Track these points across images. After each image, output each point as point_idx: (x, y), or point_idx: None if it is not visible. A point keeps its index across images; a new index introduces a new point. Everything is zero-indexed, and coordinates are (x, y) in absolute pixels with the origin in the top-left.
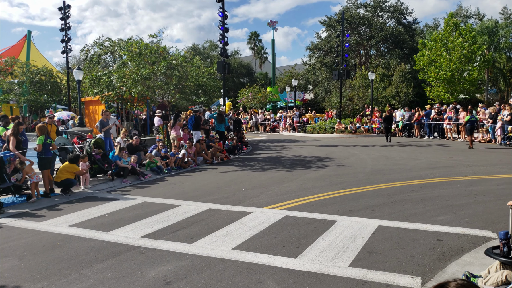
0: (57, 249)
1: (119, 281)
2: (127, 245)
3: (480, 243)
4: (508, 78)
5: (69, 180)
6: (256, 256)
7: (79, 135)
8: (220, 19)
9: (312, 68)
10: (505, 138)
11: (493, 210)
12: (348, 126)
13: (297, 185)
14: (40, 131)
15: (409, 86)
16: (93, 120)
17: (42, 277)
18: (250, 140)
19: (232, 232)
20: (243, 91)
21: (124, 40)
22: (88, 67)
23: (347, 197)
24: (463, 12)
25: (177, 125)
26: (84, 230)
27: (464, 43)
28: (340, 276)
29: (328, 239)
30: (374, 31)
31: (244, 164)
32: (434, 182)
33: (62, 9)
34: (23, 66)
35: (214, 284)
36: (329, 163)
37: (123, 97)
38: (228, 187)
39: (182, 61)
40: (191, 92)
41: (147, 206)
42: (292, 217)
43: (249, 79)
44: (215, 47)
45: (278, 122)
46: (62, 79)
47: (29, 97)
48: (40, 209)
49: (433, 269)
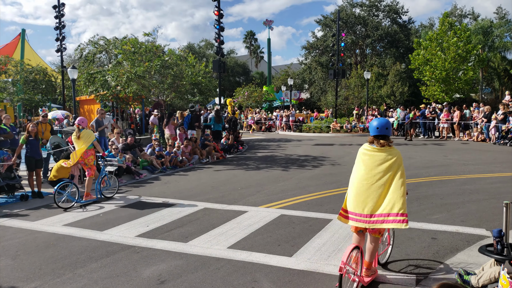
0: (51, 249)
1: (113, 280)
2: (121, 244)
3: (474, 241)
4: (503, 78)
5: (64, 180)
6: (251, 255)
7: None
8: (216, 17)
9: (308, 67)
10: (499, 137)
11: (487, 208)
12: (344, 125)
13: (292, 184)
14: (26, 131)
15: (405, 85)
16: (88, 119)
17: (36, 277)
18: (246, 139)
19: (227, 231)
20: (239, 90)
21: (119, 39)
22: (83, 66)
23: (342, 196)
24: (458, 11)
25: (170, 124)
26: (78, 230)
27: (459, 42)
28: (335, 275)
29: (323, 238)
30: (370, 31)
31: (240, 163)
32: (429, 181)
33: (57, 7)
34: (17, 64)
35: (209, 283)
36: (324, 162)
37: (118, 96)
38: (224, 186)
39: (177, 59)
40: (186, 91)
41: (142, 205)
42: (287, 216)
43: (245, 78)
44: (211, 46)
45: (274, 121)
46: (56, 78)
47: (23, 96)
48: (34, 209)
49: (428, 267)
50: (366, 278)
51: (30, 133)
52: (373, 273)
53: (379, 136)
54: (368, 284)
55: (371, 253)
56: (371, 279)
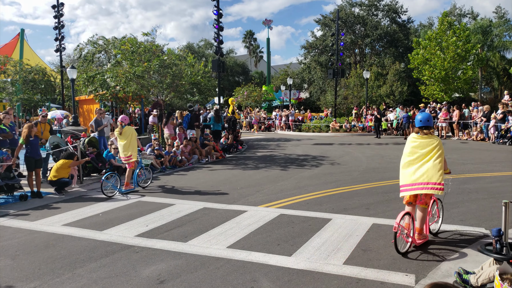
0: (50, 249)
1: (112, 280)
2: (121, 244)
3: (474, 240)
4: (502, 77)
5: (64, 180)
6: (250, 254)
7: (73, 134)
8: (215, 17)
9: (307, 67)
10: (498, 137)
11: (486, 207)
12: (343, 125)
13: (292, 183)
14: (23, 132)
15: (404, 85)
16: (87, 119)
17: (35, 276)
18: (245, 139)
19: (226, 230)
20: (238, 90)
21: (118, 39)
22: (82, 66)
23: (341, 195)
24: (457, 11)
25: (169, 123)
26: (78, 230)
27: (458, 42)
28: (334, 274)
29: (322, 237)
30: (369, 30)
31: (239, 162)
32: None
33: (56, 7)
34: (16, 64)
35: (208, 282)
36: (324, 162)
37: (117, 96)
38: (223, 186)
39: (176, 59)
40: (185, 90)
41: (141, 205)
42: (286, 215)
43: (244, 77)
44: (210, 46)
45: (273, 121)
46: (56, 78)
47: (22, 96)
48: (33, 209)
49: (427, 267)
50: (418, 240)
51: (30, 133)
52: (424, 238)
53: (423, 127)
54: (420, 245)
55: (420, 221)
56: (422, 241)
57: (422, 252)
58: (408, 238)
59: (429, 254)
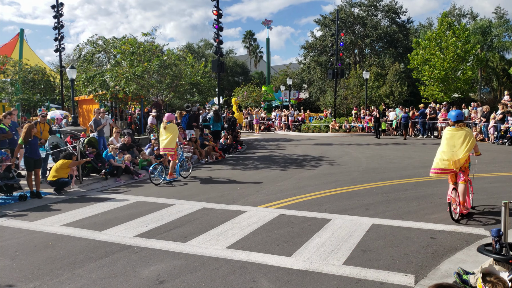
0: (50, 249)
1: (112, 280)
2: (120, 244)
3: (473, 241)
4: (501, 77)
5: (64, 180)
6: (250, 254)
7: (73, 134)
8: (215, 17)
9: (307, 67)
10: (497, 137)
11: (486, 208)
12: (343, 125)
13: (291, 183)
14: (23, 133)
15: (403, 85)
16: (86, 119)
17: (34, 277)
18: (245, 139)
19: (226, 231)
20: (238, 90)
21: (118, 39)
22: (81, 66)
23: (341, 195)
24: (456, 11)
25: None
26: (77, 230)
27: (457, 42)
28: (334, 275)
29: (322, 238)
30: (369, 30)
31: (239, 163)
32: (428, 181)
33: (55, 7)
34: (16, 64)
35: (208, 283)
36: (323, 162)
37: (117, 96)
38: (222, 186)
39: (176, 59)
40: (185, 91)
41: (141, 205)
42: (286, 215)
43: (244, 78)
44: (210, 46)
45: (272, 121)
46: (55, 78)
47: (21, 96)
48: (33, 209)
49: (427, 267)
50: (463, 210)
51: (29, 133)
52: (467, 209)
53: (457, 121)
54: (466, 214)
55: (462, 195)
56: (466, 212)
57: (422, 252)
58: (457, 207)
59: (428, 254)
